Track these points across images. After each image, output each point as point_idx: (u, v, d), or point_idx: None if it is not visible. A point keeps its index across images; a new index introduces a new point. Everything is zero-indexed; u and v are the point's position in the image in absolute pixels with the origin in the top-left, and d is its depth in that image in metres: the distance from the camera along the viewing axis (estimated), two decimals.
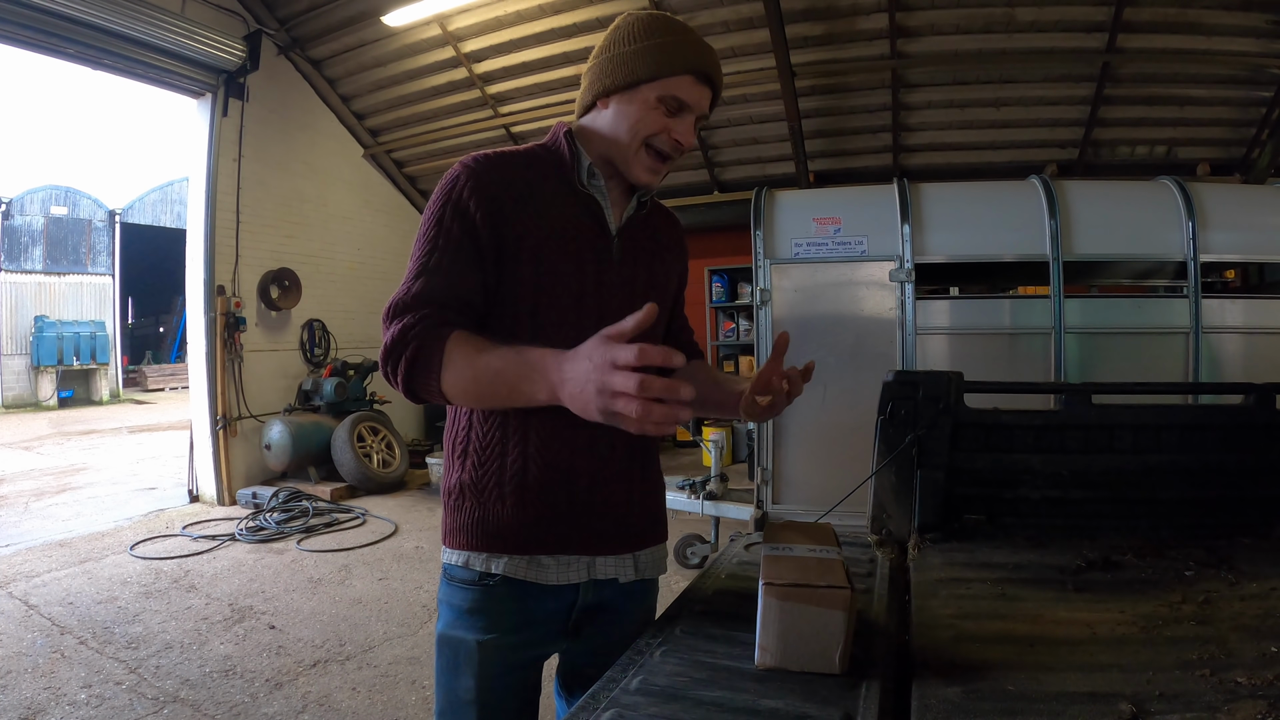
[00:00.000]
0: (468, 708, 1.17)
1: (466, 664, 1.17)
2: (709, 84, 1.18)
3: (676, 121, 1.17)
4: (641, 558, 1.26)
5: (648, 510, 1.28)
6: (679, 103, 1.16)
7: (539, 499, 1.15)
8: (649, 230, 1.28)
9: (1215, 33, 5.14)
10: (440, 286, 1.10)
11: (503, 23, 6.12)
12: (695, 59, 1.15)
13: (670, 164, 1.22)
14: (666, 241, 1.32)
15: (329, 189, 7.36)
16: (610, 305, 1.17)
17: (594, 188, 1.20)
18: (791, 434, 4.26)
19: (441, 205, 1.13)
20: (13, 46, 5.05)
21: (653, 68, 1.14)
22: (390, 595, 4.04)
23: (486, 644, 1.16)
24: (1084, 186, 4.39)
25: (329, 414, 6.64)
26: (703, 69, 1.16)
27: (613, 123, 1.19)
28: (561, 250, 1.15)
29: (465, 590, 1.18)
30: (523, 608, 1.17)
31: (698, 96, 1.17)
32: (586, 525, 1.18)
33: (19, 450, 9.22)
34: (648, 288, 1.25)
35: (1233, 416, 1.81)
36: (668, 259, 1.31)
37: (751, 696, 0.89)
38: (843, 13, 5.51)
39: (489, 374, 1.02)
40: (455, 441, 1.21)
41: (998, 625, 1.15)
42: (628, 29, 1.18)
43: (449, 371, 1.04)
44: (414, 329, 1.06)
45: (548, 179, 1.19)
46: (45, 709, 2.75)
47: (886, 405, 1.76)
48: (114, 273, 15.99)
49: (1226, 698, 0.87)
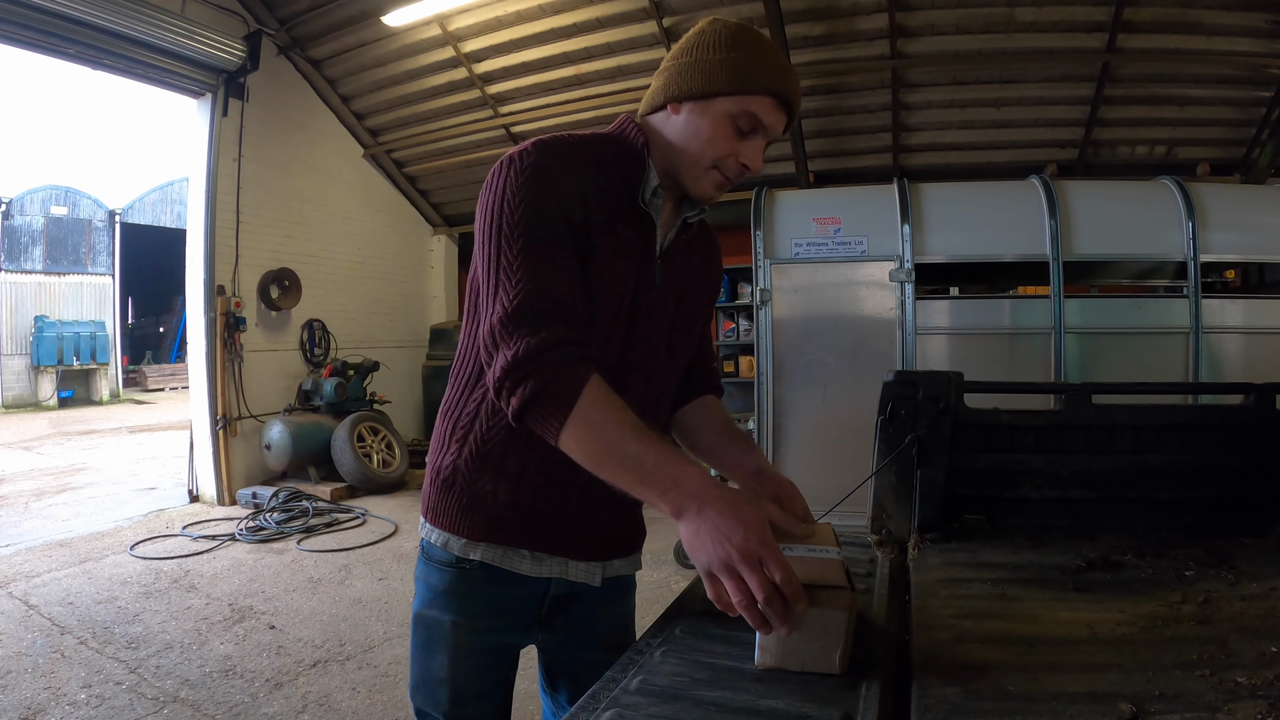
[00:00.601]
0: (441, 685, 1.20)
1: (440, 643, 1.20)
2: (787, 109, 1.12)
3: (747, 145, 1.12)
4: (614, 564, 1.26)
5: (631, 524, 1.28)
6: (754, 122, 1.10)
7: (530, 501, 1.15)
8: (689, 253, 1.24)
9: (1215, 33, 5.14)
10: (564, 290, 1.00)
11: (503, 23, 6.12)
12: (779, 81, 1.10)
13: (732, 185, 1.17)
14: (705, 263, 1.29)
15: (329, 189, 7.36)
16: (642, 328, 1.16)
17: (653, 206, 1.14)
18: (791, 434, 4.26)
19: (529, 192, 1.01)
20: (13, 46, 5.05)
21: (734, 82, 1.08)
22: (390, 595, 4.04)
23: (460, 624, 1.19)
24: (1084, 186, 4.40)
25: (329, 414, 6.65)
26: (785, 93, 1.10)
27: (683, 132, 1.13)
28: (615, 267, 1.10)
29: (441, 571, 1.19)
30: (497, 592, 1.18)
31: (774, 120, 1.11)
32: (570, 533, 1.18)
33: (19, 450, 9.22)
34: (685, 315, 1.24)
35: (1233, 416, 1.81)
36: (705, 280, 1.29)
37: (751, 696, 0.89)
38: (843, 13, 5.51)
39: (622, 453, 0.94)
40: (457, 422, 1.18)
41: (998, 625, 1.15)
42: (714, 36, 1.11)
43: (579, 426, 0.95)
44: (548, 353, 0.96)
45: (615, 184, 1.12)
46: (45, 709, 2.76)
47: (886, 405, 1.75)
48: (114, 273, 15.99)
49: (1226, 698, 0.87)
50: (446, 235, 8.82)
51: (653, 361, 1.20)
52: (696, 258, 1.26)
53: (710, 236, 1.34)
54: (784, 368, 4.26)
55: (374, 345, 7.62)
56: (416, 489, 6.65)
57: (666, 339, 1.21)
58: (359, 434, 6.48)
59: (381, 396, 7.21)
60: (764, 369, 4.25)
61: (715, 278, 1.34)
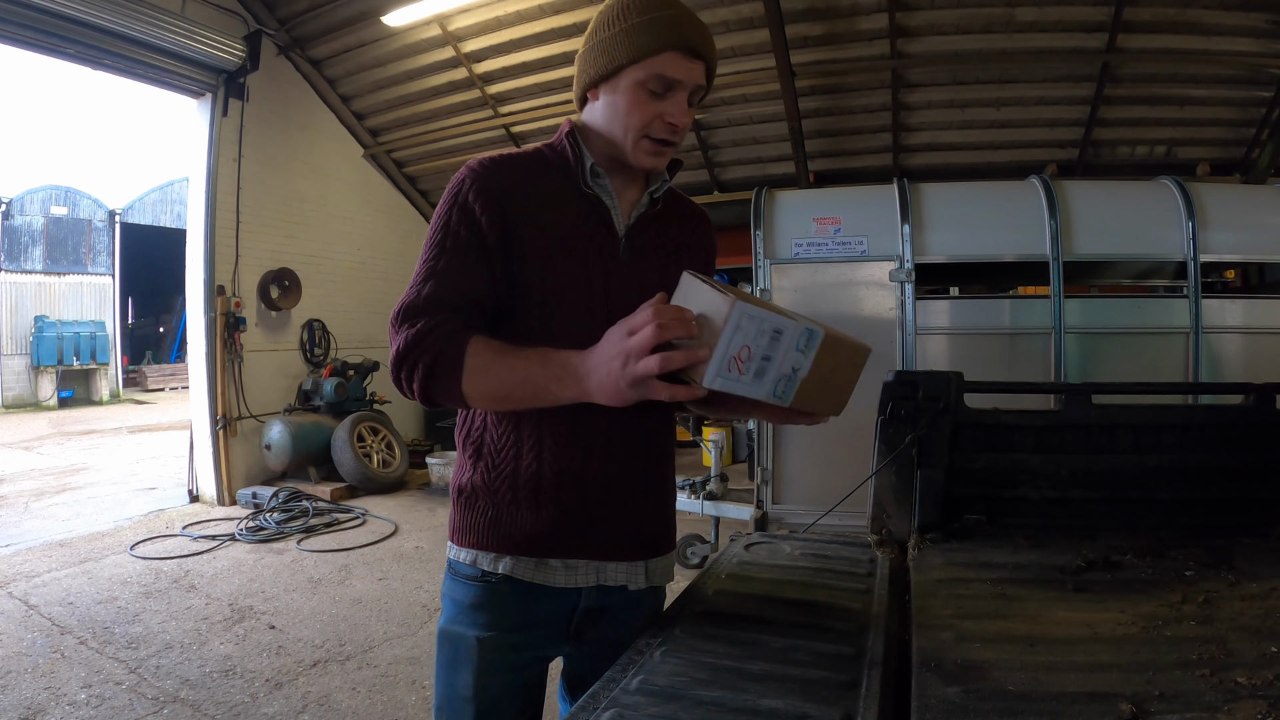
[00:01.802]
0: (465, 704, 1.17)
1: (466, 660, 1.16)
2: (697, 56, 1.11)
3: (667, 104, 1.11)
4: (653, 565, 1.24)
5: (661, 517, 1.25)
6: (664, 83, 1.10)
7: (552, 502, 1.14)
8: (663, 227, 1.24)
9: (1215, 33, 5.14)
10: (450, 289, 1.09)
11: (503, 23, 6.12)
12: (675, 33, 1.09)
13: (673, 148, 1.17)
14: (684, 238, 1.27)
15: (329, 189, 7.36)
16: (620, 307, 1.15)
17: (599, 188, 1.17)
18: (791, 434, 4.26)
19: (448, 208, 1.13)
20: (13, 46, 5.05)
21: (632, 50, 1.09)
22: (390, 595, 4.04)
23: (486, 641, 1.16)
24: (1084, 186, 4.40)
25: (329, 414, 6.64)
26: (686, 42, 1.09)
27: (605, 115, 1.15)
28: (567, 253, 1.14)
29: (469, 586, 1.18)
30: (525, 607, 1.16)
31: (685, 71, 1.10)
32: (598, 530, 1.16)
33: (19, 450, 9.22)
34: (660, 288, 1.20)
35: (1233, 416, 1.81)
36: (684, 257, 1.24)
37: (751, 696, 0.89)
38: (843, 13, 5.50)
39: (515, 377, 1.04)
40: (469, 440, 1.20)
41: (998, 625, 1.15)
42: (607, 14, 1.14)
43: (472, 376, 1.04)
44: (429, 334, 1.05)
45: (552, 180, 1.17)
46: (45, 709, 2.75)
47: (886, 405, 1.76)
48: (114, 273, 15.99)
49: (1226, 698, 0.87)
50: None
51: None
52: (675, 231, 1.26)
53: (691, 212, 1.32)
54: None
55: (374, 345, 7.62)
56: (416, 489, 6.65)
57: None
58: (359, 434, 6.48)
59: (381, 396, 7.21)
60: None
61: (701, 250, 1.31)
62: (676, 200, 1.30)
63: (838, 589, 1.31)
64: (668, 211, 1.26)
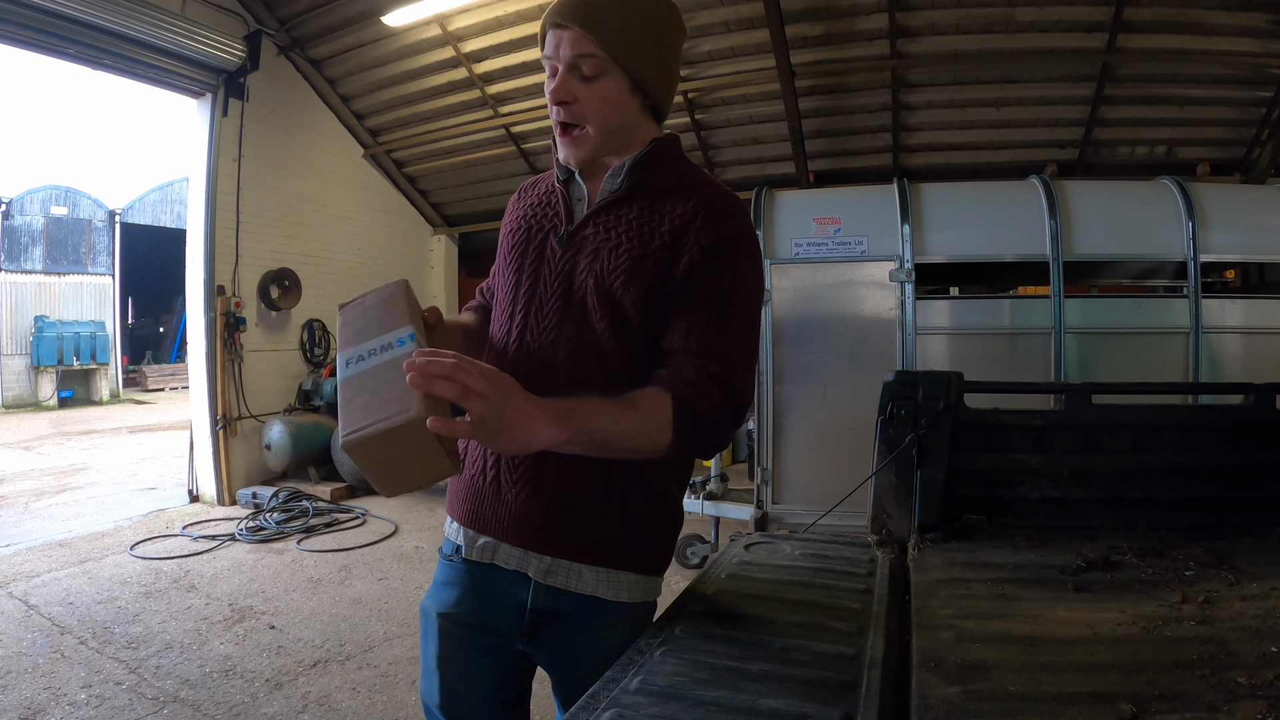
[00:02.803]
0: (431, 674, 1.25)
1: (431, 633, 1.25)
2: (563, 26, 1.07)
3: (552, 83, 1.11)
4: (558, 566, 1.14)
5: (580, 516, 1.14)
6: (550, 62, 1.11)
7: (468, 471, 1.22)
8: (629, 216, 1.12)
9: (1215, 33, 5.14)
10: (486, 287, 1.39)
11: (503, 23, 6.12)
12: (549, 14, 1.10)
13: (579, 130, 1.10)
14: (657, 227, 1.10)
15: (329, 189, 7.36)
16: (539, 296, 1.17)
17: (572, 183, 1.22)
18: (791, 434, 4.26)
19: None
20: (13, 46, 5.04)
21: (540, 41, 1.14)
22: (390, 595, 4.04)
23: (446, 615, 1.24)
24: (1084, 186, 4.40)
25: (329, 414, 6.64)
26: (551, 18, 1.08)
27: None
28: (514, 246, 1.24)
29: (443, 564, 1.28)
30: (482, 589, 1.22)
31: (552, 45, 1.09)
32: (489, 504, 1.20)
33: (19, 450, 9.22)
34: (597, 278, 1.10)
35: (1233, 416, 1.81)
36: (649, 248, 1.09)
37: (751, 696, 0.89)
38: (843, 13, 5.50)
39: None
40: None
41: (998, 625, 1.15)
42: None
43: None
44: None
45: (545, 185, 1.27)
46: (45, 709, 2.75)
47: (886, 405, 1.76)
48: (114, 273, 15.97)
49: (1226, 698, 0.87)
50: (446, 235, 8.81)
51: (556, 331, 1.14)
52: (642, 219, 1.11)
53: (684, 198, 1.12)
54: (784, 368, 4.26)
55: None
56: None
57: (579, 307, 1.12)
58: None
59: None
60: (764, 369, 4.25)
61: (681, 240, 1.08)
62: (682, 186, 1.14)
63: (838, 589, 1.31)
64: (652, 199, 1.13)
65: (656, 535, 1.19)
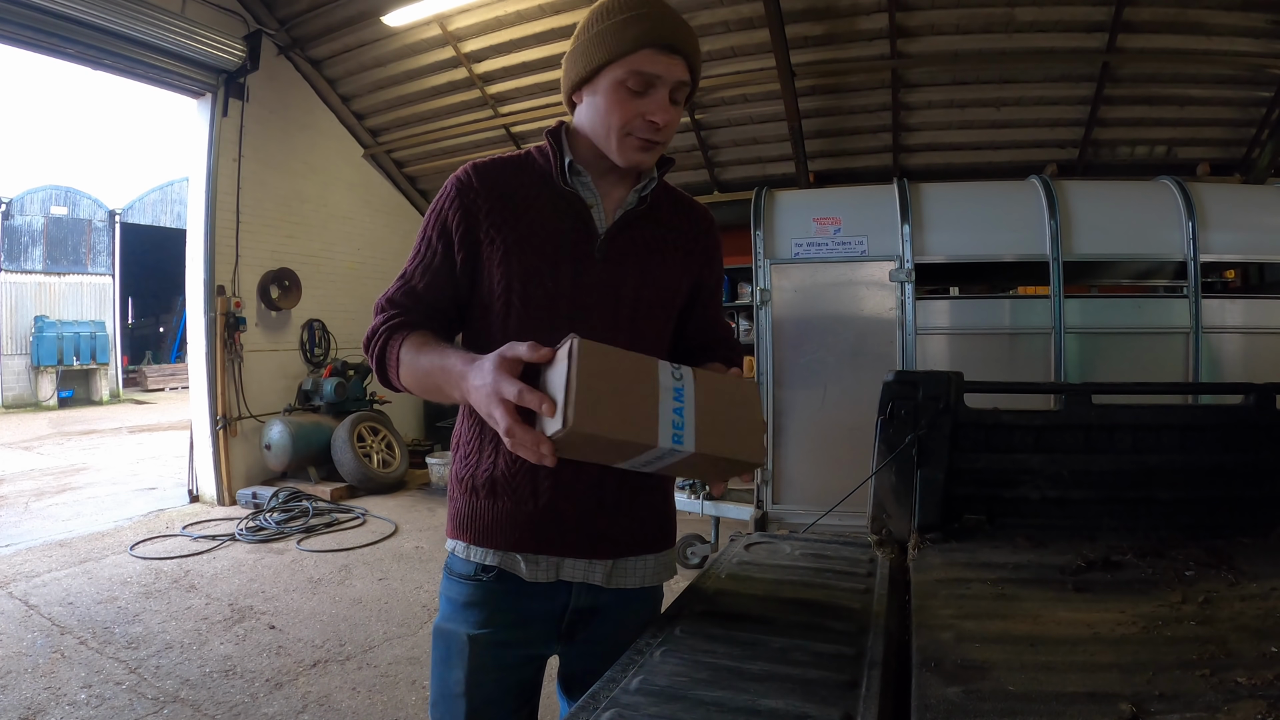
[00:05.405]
0: (457, 700, 1.19)
1: (458, 657, 1.19)
2: (674, 52, 1.10)
3: (648, 102, 1.11)
4: (619, 566, 1.22)
5: (629, 517, 1.22)
6: (643, 80, 1.10)
7: (507, 495, 1.17)
8: (652, 227, 1.22)
9: (1215, 33, 5.13)
10: (414, 294, 1.20)
11: (503, 23, 6.12)
12: (651, 30, 1.09)
13: (660, 146, 1.16)
14: (678, 239, 1.25)
15: (329, 189, 7.36)
16: (589, 305, 1.16)
17: (580, 184, 1.18)
18: (791, 434, 4.26)
19: (430, 216, 1.21)
20: (13, 46, 5.04)
21: (608, 51, 1.10)
22: (390, 595, 4.04)
23: (478, 638, 1.18)
24: (1084, 186, 4.39)
25: (329, 414, 6.64)
26: (661, 38, 1.09)
27: (589, 117, 1.16)
28: (534, 251, 1.15)
29: (462, 584, 1.20)
30: (516, 605, 1.18)
31: (663, 67, 1.10)
32: (551, 526, 1.17)
33: (19, 450, 9.22)
34: (640, 288, 1.19)
35: (1233, 416, 1.81)
36: (676, 258, 1.24)
37: (751, 696, 0.89)
38: (843, 13, 5.50)
39: (422, 373, 1.10)
40: (453, 434, 1.28)
41: (998, 625, 1.15)
42: (588, 17, 1.15)
43: (401, 368, 1.13)
44: (381, 327, 1.17)
45: (533, 181, 1.19)
46: (45, 709, 2.75)
47: (886, 405, 1.76)
48: (114, 273, 15.98)
49: (1226, 698, 0.87)
50: None
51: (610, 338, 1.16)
52: (664, 230, 1.24)
53: (691, 212, 1.29)
54: (784, 368, 4.26)
55: None
56: (416, 489, 6.65)
57: (629, 314, 1.19)
58: (359, 434, 6.47)
59: (381, 396, 7.20)
60: (764, 369, 4.25)
61: (698, 252, 1.28)
62: (675, 199, 1.29)
63: (838, 589, 1.31)
64: (662, 210, 1.24)
65: (673, 506, 1.34)
